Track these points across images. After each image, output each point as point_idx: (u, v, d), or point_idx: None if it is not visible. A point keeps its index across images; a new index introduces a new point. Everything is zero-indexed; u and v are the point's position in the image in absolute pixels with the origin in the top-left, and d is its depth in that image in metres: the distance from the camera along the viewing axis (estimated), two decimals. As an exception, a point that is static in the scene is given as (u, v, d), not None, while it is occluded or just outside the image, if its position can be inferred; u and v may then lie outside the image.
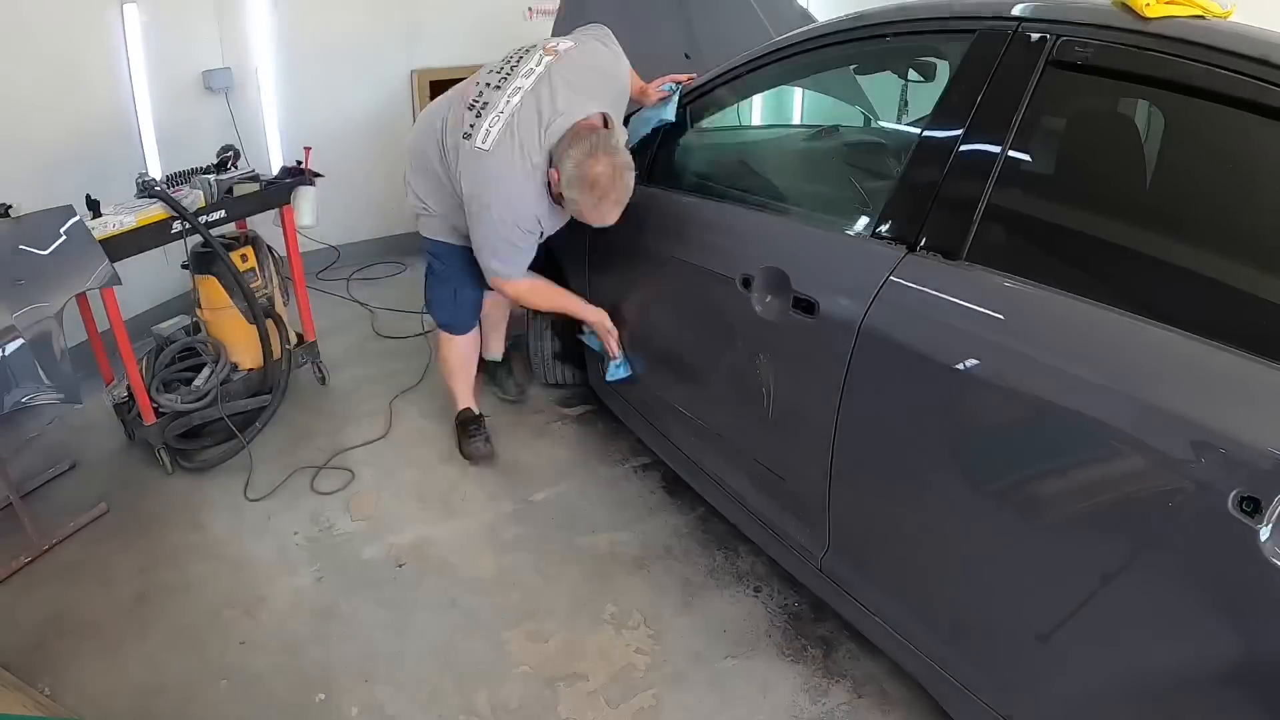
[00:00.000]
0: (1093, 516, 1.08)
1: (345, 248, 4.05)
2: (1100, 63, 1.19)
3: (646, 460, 2.43)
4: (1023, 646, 1.21)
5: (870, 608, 1.51)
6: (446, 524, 2.16)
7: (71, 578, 1.97)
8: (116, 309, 2.15)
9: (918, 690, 1.60)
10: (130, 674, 1.70)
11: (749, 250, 1.66)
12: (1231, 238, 1.18)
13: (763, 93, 3.68)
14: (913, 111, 2.73)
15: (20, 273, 1.86)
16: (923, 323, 1.29)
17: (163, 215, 2.23)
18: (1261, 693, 0.95)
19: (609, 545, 2.09)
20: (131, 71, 3.07)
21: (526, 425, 2.65)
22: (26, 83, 2.66)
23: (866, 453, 1.44)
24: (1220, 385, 0.98)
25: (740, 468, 1.81)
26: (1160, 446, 1.00)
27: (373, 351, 3.18)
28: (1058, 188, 1.41)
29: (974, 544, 1.27)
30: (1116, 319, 1.08)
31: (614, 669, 1.71)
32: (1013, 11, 1.30)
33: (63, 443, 2.52)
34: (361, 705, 1.63)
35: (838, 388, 1.41)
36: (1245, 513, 0.91)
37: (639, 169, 2.13)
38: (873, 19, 1.55)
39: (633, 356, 2.18)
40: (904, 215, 1.38)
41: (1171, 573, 1.01)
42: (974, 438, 1.26)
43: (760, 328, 1.58)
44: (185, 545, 2.09)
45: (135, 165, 3.01)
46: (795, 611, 1.86)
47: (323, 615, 1.86)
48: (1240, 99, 1.06)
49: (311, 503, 2.25)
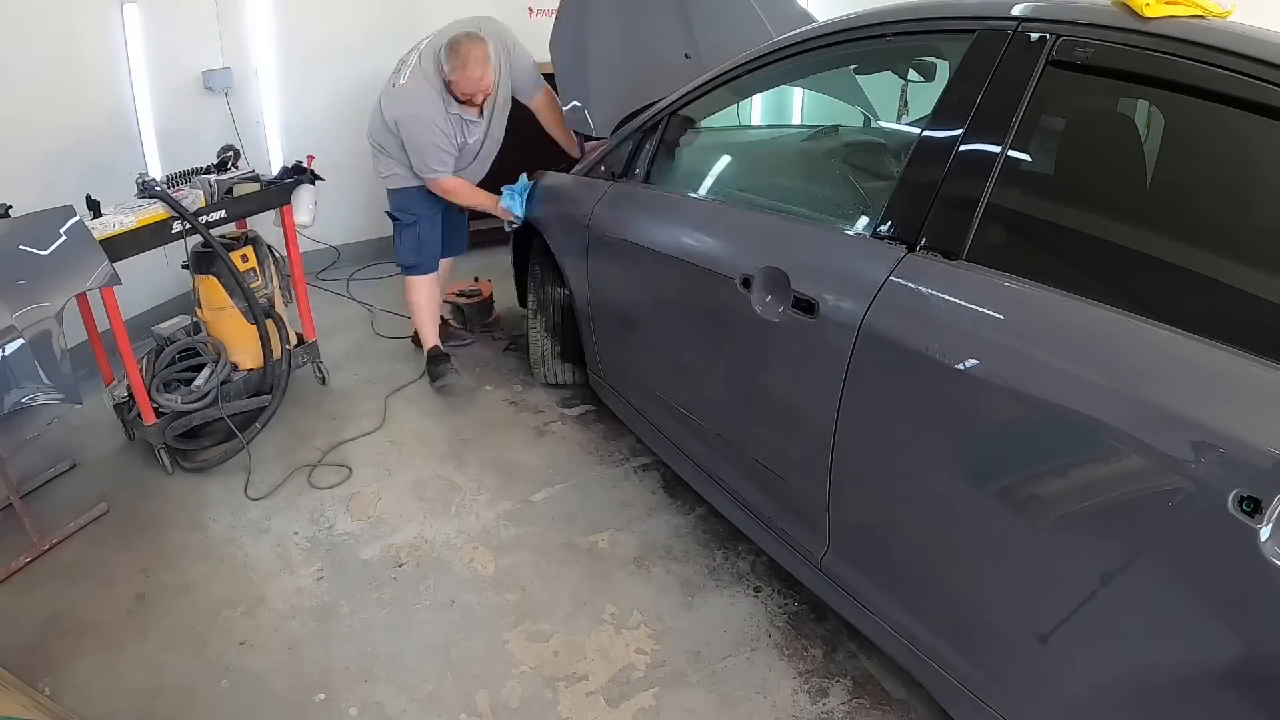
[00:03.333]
0: (1092, 516, 1.08)
1: (345, 248, 4.05)
2: (1100, 63, 1.19)
3: (646, 460, 2.44)
4: (1023, 646, 1.21)
5: (870, 607, 1.51)
6: (446, 524, 2.16)
7: (71, 578, 1.97)
8: (116, 309, 2.15)
9: (918, 690, 1.60)
10: (130, 674, 1.70)
11: (749, 250, 1.66)
12: (1231, 238, 1.18)
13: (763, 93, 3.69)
14: (913, 111, 2.74)
15: (20, 273, 1.87)
16: (923, 323, 1.28)
17: (163, 215, 2.23)
18: (1261, 693, 0.95)
19: (609, 545, 2.09)
20: (131, 71, 3.07)
21: (526, 425, 2.65)
22: (27, 82, 2.66)
23: (867, 452, 1.43)
24: (1220, 385, 0.98)
25: (740, 467, 1.81)
26: (1160, 446, 0.99)
27: (373, 352, 3.18)
28: (1058, 188, 1.41)
29: (974, 544, 1.27)
30: (1116, 319, 1.08)
31: (614, 669, 1.71)
32: (1013, 11, 1.30)
33: (63, 443, 2.52)
34: (361, 705, 1.63)
35: (838, 388, 1.41)
36: (1245, 513, 0.91)
37: (639, 169, 2.14)
38: (873, 19, 1.55)
39: (631, 354, 2.17)
40: (904, 215, 1.38)
41: (1171, 573, 1.01)
42: (974, 437, 1.26)
43: (760, 328, 1.58)
44: (185, 545, 2.09)
45: (135, 165, 3.01)
46: (795, 611, 1.86)
47: (323, 615, 1.86)
48: (1240, 99, 1.06)
49: (311, 502, 2.25)
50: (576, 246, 2.30)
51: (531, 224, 2.58)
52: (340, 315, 3.51)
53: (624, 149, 2.22)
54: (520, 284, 2.91)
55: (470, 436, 2.57)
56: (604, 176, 2.27)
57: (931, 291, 1.28)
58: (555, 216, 2.46)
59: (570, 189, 2.41)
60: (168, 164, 3.12)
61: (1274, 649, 0.92)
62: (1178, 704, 1.04)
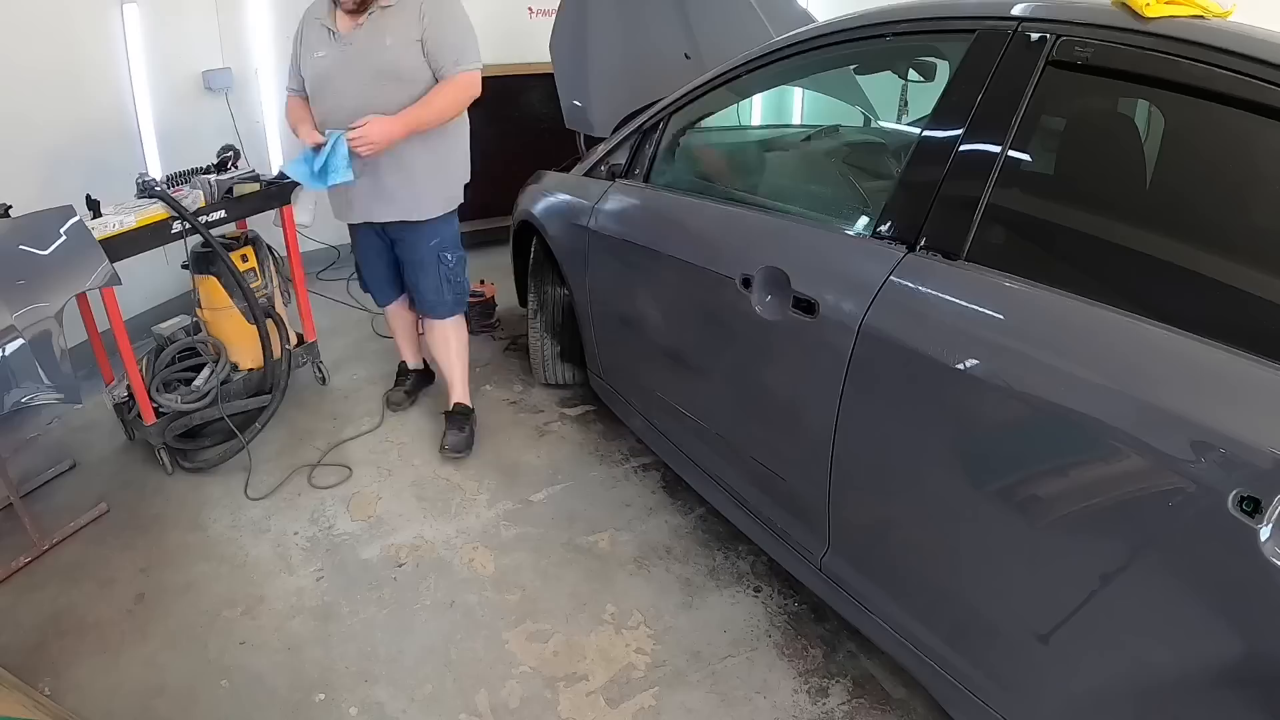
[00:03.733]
0: (1093, 516, 1.08)
1: (345, 248, 4.04)
2: (1100, 63, 1.19)
3: (646, 460, 2.44)
4: (1023, 646, 1.21)
5: (870, 607, 1.51)
6: (446, 524, 2.16)
7: (71, 578, 1.97)
8: (116, 309, 2.15)
9: (918, 690, 1.60)
10: (130, 674, 1.70)
11: (749, 250, 1.66)
12: (1231, 238, 1.18)
13: (763, 93, 3.69)
14: (913, 111, 2.74)
15: (20, 273, 1.86)
16: (923, 323, 1.28)
17: (163, 215, 2.23)
18: (1261, 693, 0.95)
19: (609, 545, 2.09)
20: (131, 71, 3.08)
21: (526, 425, 2.65)
22: (27, 83, 2.66)
23: (867, 452, 1.43)
24: (1220, 385, 0.98)
25: (740, 467, 1.81)
26: (1160, 446, 0.99)
27: (373, 352, 3.18)
28: (1058, 188, 1.41)
29: (974, 544, 1.27)
30: (1116, 319, 1.08)
31: (614, 669, 1.71)
32: (1013, 11, 1.30)
33: (63, 443, 2.52)
34: (361, 705, 1.63)
35: (838, 388, 1.41)
36: (1245, 512, 0.91)
37: (639, 169, 2.14)
38: (873, 19, 1.55)
39: (631, 355, 2.17)
40: (904, 215, 1.38)
41: (1171, 573, 1.01)
42: (974, 437, 1.26)
43: (760, 328, 1.58)
44: (185, 545, 2.09)
45: (135, 165, 3.01)
46: (795, 611, 1.86)
47: (323, 615, 1.86)
48: (1240, 99, 1.06)
49: (311, 503, 2.25)
50: (576, 246, 2.30)
51: (531, 224, 2.58)
52: (340, 315, 3.51)
53: (624, 149, 2.22)
54: (520, 284, 2.91)
55: (470, 436, 2.57)
56: (604, 176, 2.27)
57: (931, 291, 1.28)
58: (555, 216, 2.46)
59: (570, 189, 2.41)
60: (168, 164, 3.12)
61: (1274, 649, 0.92)
62: (1178, 704, 1.04)
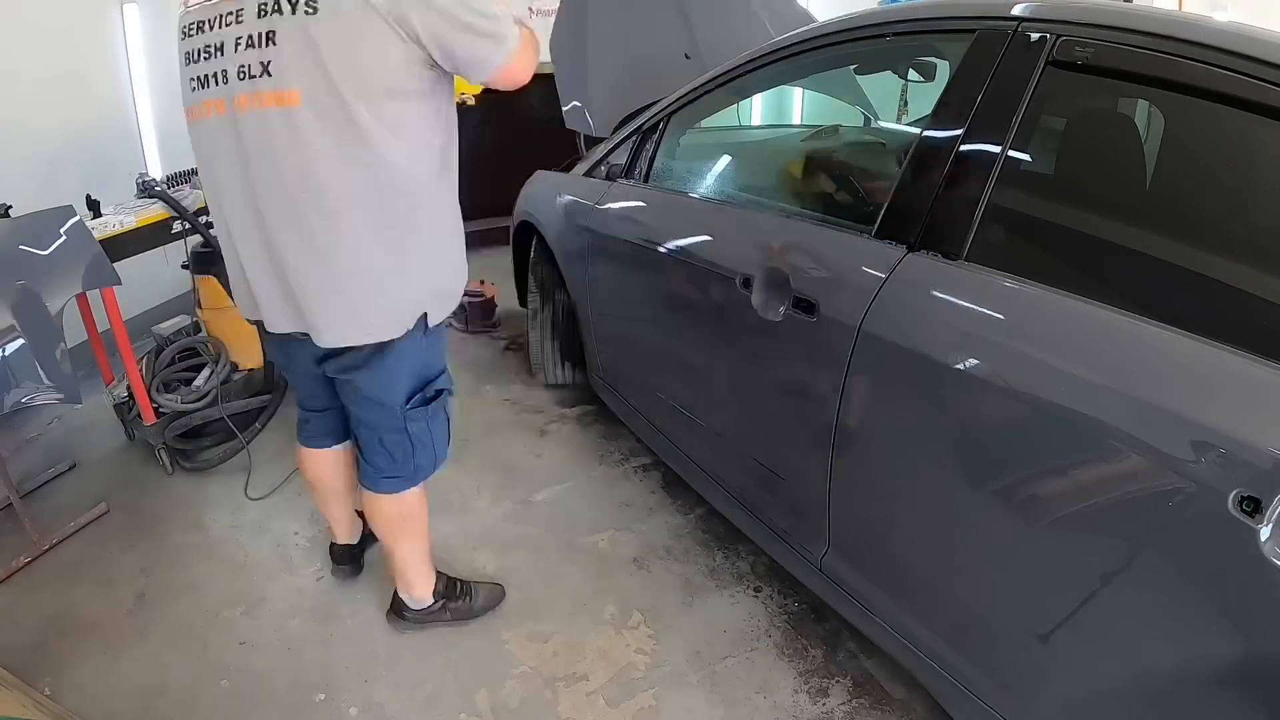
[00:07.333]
0: (1093, 516, 1.08)
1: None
2: (1100, 63, 1.19)
3: (646, 460, 2.43)
4: (1023, 646, 1.21)
5: (870, 607, 1.51)
6: (446, 524, 2.16)
7: (71, 578, 1.97)
8: (116, 309, 2.15)
9: (918, 690, 1.60)
10: (131, 674, 1.70)
11: (749, 250, 1.66)
12: (1231, 238, 1.18)
13: (763, 93, 3.68)
14: (913, 111, 2.74)
15: (20, 273, 1.87)
16: (923, 323, 1.28)
17: (163, 215, 2.23)
18: (1261, 692, 0.95)
19: (609, 545, 2.09)
20: (131, 71, 3.08)
21: (526, 425, 2.65)
22: (27, 83, 2.66)
23: (866, 452, 1.43)
24: (1220, 385, 0.98)
25: (740, 467, 1.81)
26: (1160, 446, 0.99)
27: (373, 351, 3.18)
28: (1058, 188, 1.41)
29: (974, 544, 1.27)
30: (1116, 319, 1.08)
31: (614, 669, 1.71)
32: (1013, 11, 1.30)
33: (63, 443, 2.52)
34: (361, 705, 1.63)
35: (837, 388, 1.41)
36: (1245, 512, 0.91)
37: (640, 169, 2.14)
38: (873, 19, 1.55)
39: (632, 355, 2.17)
40: (904, 215, 1.38)
41: (1171, 573, 1.01)
42: (974, 438, 1.26)
43: (760, 328, 1.58)
44: (185, 545, 2.09)
45: (135, 165, 3.01)
46: (795, 611, 1.86)
47: (323, 615, 1.86)
48: (1240, 99, 1.06)
49: (312, 503, 2.24)
50: (576, 247, 2.30)
51: (531, 224, 2.58)
52: (340, 315, 3.50)
53: (624, 149, 2.22)
54: (520, 284, 2.91)
55: (470, 436, 2.57)
56: (604, 177, 2.27)
57: (931, 292, 1.28)
58: (555, 217, 2.46)
59: (570, 189, 2.41)
60: (168, 164, 3.12)
61: (1274, 649, 0.92)
62: (1178, 704, 1.04)
